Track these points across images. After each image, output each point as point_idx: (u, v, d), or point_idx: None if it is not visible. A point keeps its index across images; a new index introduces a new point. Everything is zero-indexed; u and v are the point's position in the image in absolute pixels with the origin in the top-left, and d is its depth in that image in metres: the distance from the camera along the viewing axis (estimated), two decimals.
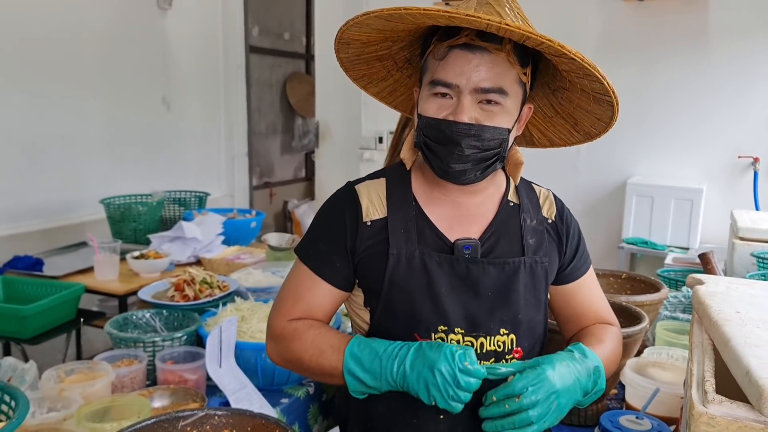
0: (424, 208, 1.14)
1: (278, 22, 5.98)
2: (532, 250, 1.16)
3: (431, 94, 1.06)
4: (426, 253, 1.10)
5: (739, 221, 2.46)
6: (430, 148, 1.07)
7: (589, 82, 1.05)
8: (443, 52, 1.04)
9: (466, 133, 1.03)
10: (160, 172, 4.36)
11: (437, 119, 1.05)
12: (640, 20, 3.79)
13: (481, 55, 1.02)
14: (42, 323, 2.28)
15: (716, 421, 0.75)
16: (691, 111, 3.76)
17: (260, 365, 1.61)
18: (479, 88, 1.02)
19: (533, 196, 1.23)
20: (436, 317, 1.09)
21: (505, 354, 1.12)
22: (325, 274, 1.14)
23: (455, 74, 1.02)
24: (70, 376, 1.50)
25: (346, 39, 1.10)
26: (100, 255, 2.65)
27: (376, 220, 1.13)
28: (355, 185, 1.18)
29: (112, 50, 3.97)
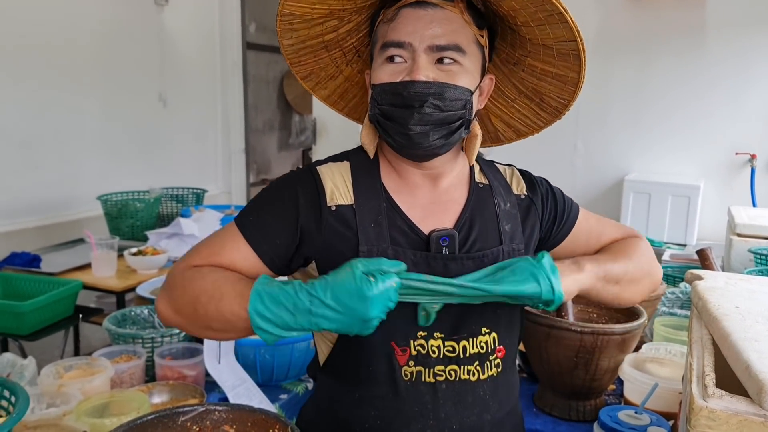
0: (396, 198, 1.04)
1: (275, 19, 5.96)
2: (509, 238, 1.07)
3: (383, 60, 0.98)
4: (400, 252, 0.99)
5: (737, 218, 2.46)
6: (387, 116, 0.97)
7: (551, 29, 0.96)
8: (392, 13, 0.97)
9: (425, 91, 0.94)
10: (158, 169, 4.35)
11: (392, 83, 0.96)
12: (637, 17, 3.79)
13: (434, 11, 0.96)
14: (40, 319, 2.27)
15: (716, 415, 0.75)
16: (688, 107, 3.77)
17: (259, 361, 1.62)
18: (434, 45, 0.95)
19: (500, 177, 1.14)
20: (414, 322, 0.93)
21: (488, 355, 1.03)
22: (262, 250, 1.00)
23: (407, 32, 0.95)
24: (69, 372, 1.50)
25: (287, 16, 0.99)
26: (98, 251, 2.65)
27: (342, 205, 1.02)
28: (317, 166, 1.07)
29: (108, 46, 3.95)
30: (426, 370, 1.00)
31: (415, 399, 1.01)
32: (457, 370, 1.01)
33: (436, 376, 1.01)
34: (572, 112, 1.18)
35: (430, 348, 1.00)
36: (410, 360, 1.00)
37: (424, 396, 1.01)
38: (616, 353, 1.44)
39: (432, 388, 1.01)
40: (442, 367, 1.01)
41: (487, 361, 1.03)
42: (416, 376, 1.01)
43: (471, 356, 1.02)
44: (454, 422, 1.01)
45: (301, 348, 1.64)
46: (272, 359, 1.62)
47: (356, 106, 1.24)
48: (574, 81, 1.05)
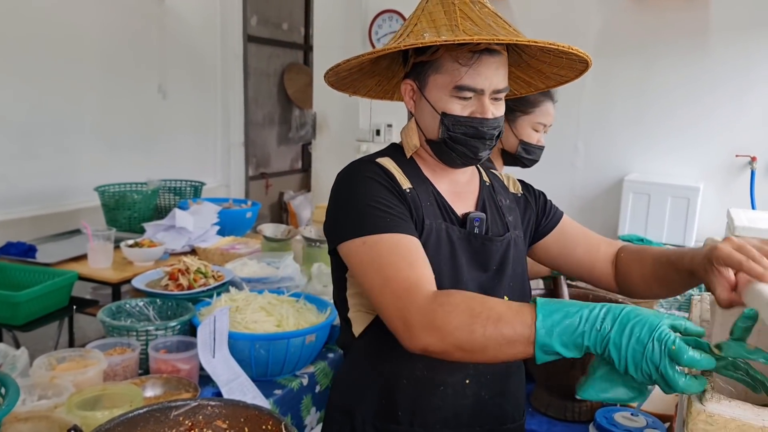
0: (436, 185, 1.24)
1: (277, 12, 5.94)
2: (513, 227, 1.28)
3: (454, 96, 1.14)
4: (449, 226, 1.19)
5: (736, 220, 2.45)
6: (458, 142, 1.16)
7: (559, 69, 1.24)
8: (470, 57, 1.11)
9: (495, 126, 1.16)
10: (156, 161, 4.33)
11: (469, 117, 1.15)
12: (639, 18, 3.78)
13: (499, 59, 1.13)
14: (34, 310, 2.26)
15: (714, 419, 0.75)
16: (689, 109, 3.76)
17: (254, 356, 1.61)
18: (497, 89, 1.14)
19: (497, 179, 1.37)
20: (457, 285, 1.15)
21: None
22: (409, 229, 1.09)
23: (482, 80, 1.12)
24: (62, 363, 1.48)
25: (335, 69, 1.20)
26: (94, 242, 2.63)
27: (408, 188, 1.18)
28: (373, 160, 1.22)
29: (109, 37, 3.93)
30: None
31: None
32: None
33: None
34: (573, 112, 1.26)
35: None
36: None
37: None
38: None
39: None
40: None
41: None
42: None
43: None
44: (488, 373, 1.20)
45: (296, 343, 1.63)
46: (267, 354, 1.61)
47: (373, 87, 1.37)
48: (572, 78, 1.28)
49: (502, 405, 1.23)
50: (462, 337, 0.91)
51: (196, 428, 1.03)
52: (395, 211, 1.10)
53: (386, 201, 1.11)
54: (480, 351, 0.91)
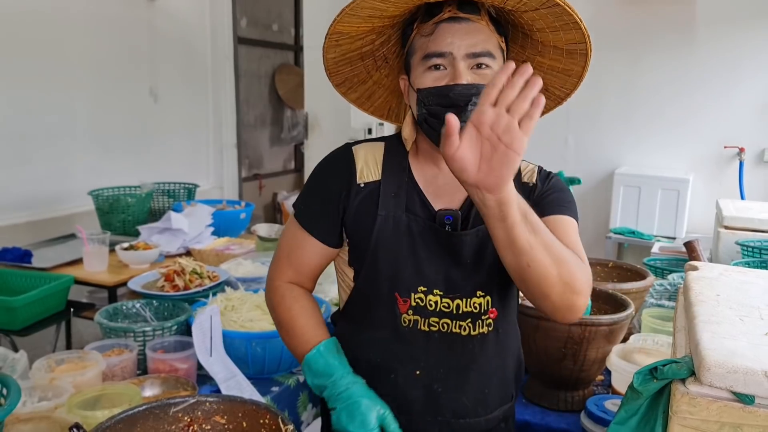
0: (416, 176, 1.20)
1: (267, 13, 5.95)
2: None
3: (425, 68, 1.11)
4: (412, 219, 1.16)
5: (725, 210, 2.49)
6: (434, 115, 1.10)
7: (564, 34, 1.11)
8: (431, 28, 1.11)
9: (468, 92, 1.07)
10: (149, 164, 4.34)
11: (438, 86, 1.09)
12: (627, 13, 3.81)
13: (467, 25, 1.09)
14: (31, 314, 2.27)
15: (697, 402, 0.77)
16: (678, 102, 3.80)
17: (250, 354, 1.63)
18: (471, 53, 1.08)
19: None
20: (417, 278, 1.15)
21: (480, 314, 1.17)
22: (315, 231, 1.21)
23: (446, 44, 1.09)
24: (61, 365, 1.50)
25: (336, 34, 1.14)
26: (89, 246, 2.64)
27: (369, 182, 1.19)
28: (353, 146, 1.24)
29: (99, 41, 3.94)
30: (422, 320, 1.16)
31: (411, 343, 1.17)
32: (449, 323, 1.16)
33: (430, 326, 1.16)
34: (563, 107, 1.26)
35: (428, 302, 1.16)
36: (410, 309, 1.17)
37: (418, 341, 1.17)
38: (604, 344, 1.46)
39: (426, 336, 1.17)
40: (436, 319, 1.16)
41: (479, 320, 1.17)
42: (413, 324, 1.17)
43: (464, 313, 1.16)
44: (441, 367, 1.18)
45: None
46: (263, 352, 1.63)
47: (380, 106, 1.36)
48: (578, 74, 1.18)
49: (459, 399, 1.19)
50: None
51: (195, 424, 1.05)
52: (313, 209, 1.22)
53: (314, 196, 1.24)
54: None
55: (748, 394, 0.74)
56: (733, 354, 0.76)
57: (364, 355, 1.20)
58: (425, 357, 1.18)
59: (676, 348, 0.98)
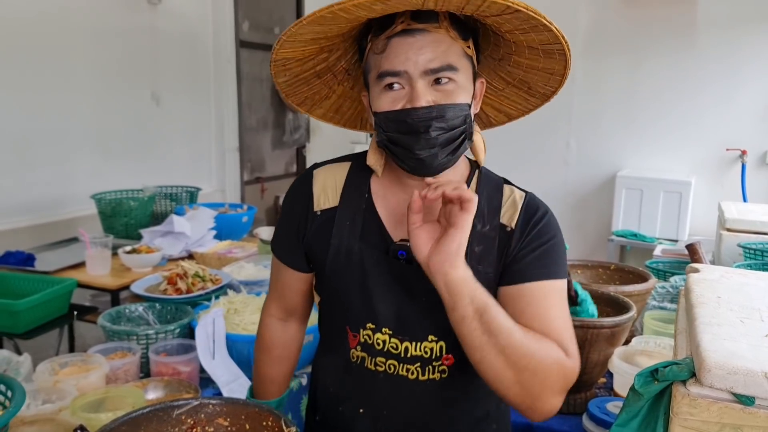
0: (376, 201, 1.12)
1: (268, 17, 5.96)
2: (476, 259, 1.04)
3: (381, 89, 1.01)
4: (365, 249, 1.08)
5: (727, 213, 2.49)
6: (395, 142, 1.02)
7: (536, 35, 1.00)
8: (383, 44, 1.00)
9: (428, 116, 0.98)
10: (151, 167, 4.35)
11: (395, 111, 1.00)
12: (628, 15, 3.82)
13: (422, 37, 0.99)
14: (34, 318, 2.28)
15: (697, 403, 0.77)
16: (679, 104, 3.80)
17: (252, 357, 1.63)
18: (428, 69, 0.98)
19: (496, 199, 1.10)
20: (366, 314, 1.08)
21: (432, 360, 1.07)
22: (287, 260, 1.20)
23: (400, 61, 0.99)
24: (64, 368, 1.51)
25: (281, 61, 1.05)
26: (92, 250, 2.65)
27: (326, 209, 1.13)
28: (315, 169, 1.18)
29: (101, 45, 3.95)
30: (369, 358, 1.10)
31: (357, 380, 1.12)
32: (396, 365, 1.08)
33: (377, 365, 1.09)
34: (565, 110, 1.21)
35: (376, 340, 1.09)
36: (358, 345, 1.11)
37: (364, 379, 1.11)
38: (606, 346, 1.46)
39: (372, 375, 1.10)
40: (383, 360, 1.09)
41: (429, 366, 1.08)
42: (361, 361, 1.11)
43: (412, 357, 1.08)
44: (384, 409, 1.11)
45: None
46: None
47: (352, 117, 1.28)
48: (560, 73, 1.08)
49: None
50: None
51: (198, 426, 1.05)
52: (282, 237, 1.21)
53: (282, 223, 1.21)
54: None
55: (748, 395, 0.75)
56: (733, 355, 0.77)
57: (322, 381, 1.20)
58: (369, 397, 1.11)
59: (677, 350, 0.98)
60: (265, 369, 1.29)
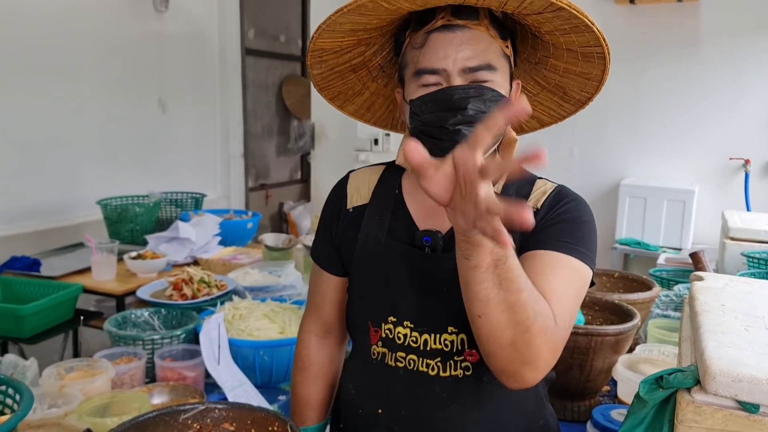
0: (405, 196, 1.12)
1: (274, 25, 6.00)
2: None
3: (418, 86, 1.00)
4: (391, 243, 1.08)
5: (730, 222, 2.49)
6: (428, 123, 0.98)
7: (576, 36, 0.98)
8: (422, 39, 0.99)
9: (466, 94, 0.95)
10: (157, 174, 4.37)
11: (430, 92, 0.98)
12: (632, 23, 3.83)
13: (462, 33, 0.97)
14: (40, 323, 2.29)
15: (702, 410, 0.78)
16: (683, 113, 3.80)
17: (258, 363, 1.64)
18: (467, 67, 0.97)
19: (526, 189, 1.07)
20: (388, 307, 1.07)
21: (453, 354, 1.03)
22: (324, 264, 1.19)
23: (439, 58, 0.97)
24: (70, 373, 1.51)
25: (318, 51, 1.05)
26: (98, 255, 2.66)
27: (357, 206, 1.14)
28: (351, 172, 1.21)
29: (108, 52, 3.98)
30: (390, 354, 1.07)
31: (377, 378, 1.09)
32: (416, 360, 1.05)
33: (397, 361, 1.07)
34: (568, 118, 1.19)
35: (397, 334, 1.06)
36: (379, 341, 1.09)
37: (384, 377, 1.08)
38: (610, 354, 1.47)
39: (391, 372, 1.07)
40: (403, 354, 1.06)
41: (450, 360, 1.03)
42: (381, 357, 1.08)
43: (432, 351, 1.04)
44: (403, 408, 1.07)
45: None
46: (271, 361, 1.64)
47: (383, 116, 1.27)
48: (598, 78, 1.07)
49: None
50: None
51: (204, 431, 1.06)
52: (319, 242, 1.20)
53: (319, 228, 1.21)
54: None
55: (753, 402, 0.75)
56: (738, 363, 0.77)
57: (345, 384, 1.19)
58: (387, 395, 1.08)
59: (682, 357, 0.98)
60: (302, 390, 1.24)
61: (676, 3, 3.64)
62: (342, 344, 1.28)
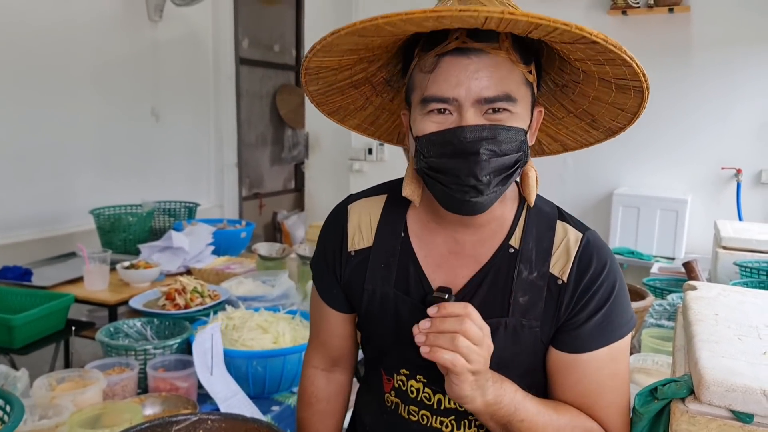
0: (413, 241, 1.01)
1: (268, 34, 6.01)
2: (520, 311, 0.94)
3: (425, 113, 0.89)
4: (400, 298, 1.00)
5: (722, 231, 2.50)
6: (437, 169, 0.88)
7: (612, 68, 0.86)
8: (431, 62, 0.87)
9: (478, 136, 0.85)
10: (150, 183, 4.36)
11: (439, 132, 0.87)
12: (624, 34, 3.86)
13: (479, 59, 0.85)
14: (31, 333, 2.27)
15: (696, 420, 0.78)
16: (675, 123, 3.83)
17: (251, 373, 1.63)
18: (482, 98, 0.85)
19: (547, 240, 0.97)
20: (400, 360, 1.02)
21: (468, 414, 0.99)
22: (330, 302, 1.12)
23: (450, 86, 0.86)
24: (61, 384, 1.50)
25: (313, 69, 0.93)
26: (90, 265, 2.65)
27: (360, 249, 1.04)
28: (350, 203, 1.09)
29: (102, 61, 3.98)
30: (403, 406, 1.04)
31: (392, 426, 1.06)
32: (428, 416, 1.02)
33: (410, 414, 1.04)
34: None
35: (410, 387, 1.03)
36: (392, 390, 1.06)
37: (398, 427, 1.05)
38: None
39: (406, 423, 1.04)
40: (416, 409, 1.03)
41: (465, 420, 1.00)
42: (395, 407, 1.06)
43: (446, 409, 1.01)
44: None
45: (292, 360, 1.65)
46: (264, 371, 1.63)
47: (389, 130, 1.16)
48: (633, 110, 0.95)
49: None
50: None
51: None
52: (322, 276, 1.12)
53: (320, 261, 1.12)
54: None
55: (747, 412, 0.75)
56: (731, 373, 0.77)
57: (361, 415, 1.15)
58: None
59: (676, 367, 0.98)
60: (310, 428, 1.18)
61: (668, 13, 3.67)
62: (350, 374, 1.22)
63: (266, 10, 5.93)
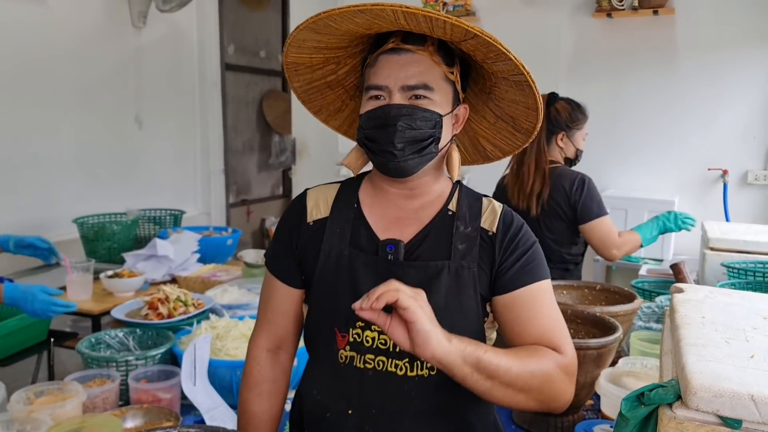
0: (364, 209, 1.20)
1: (254, 40, 5.99)
2: (460, 255, 1.13)
3: (367, 98, 1.13)
4: (354, 253, 1.15)
5: (710, 232, 2.50)
6: (370, 138, 1.13)
7: (503, 65, 1.08)
8: (374, 60, 1.13)
9: (398, 112, 1.09)
10: (135, 191, 4.32)
11: (372, 109, 1.12)
12: (609, 36, 3.87)
13: (407, 57, 1.10)
14: (11, 344, 2.23)
15: (684, 426, 0.76)
16: (661, 124, 3.84)
17: (235, 383, 1.60)
18: (405, 85, 1.10)
19: (476, 206, 1.20)
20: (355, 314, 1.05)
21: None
22: (282, 276, 1.23)
23: (384, 77, 1.11)
24: (40, 397, 1.47)
25: (292, 65, 1.18)
26: (73, 275, 2.61)
27: (317, 219, 1.21)
28: (309, 190, 1.26)
29: (85, 68, 3.94)
30: (358, 356, 1.13)
31: (345, 380, 1.14)
32: (385, 361, 1.11)
33: (365, 363, 1.12)
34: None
35: (365, 337, 1.12)
36: (347, 345, 1.13)
37: (352, 379, 1.13)
38: (593, 368, 1.45)
39: (360, 374, 1.12)
40: (372, 356, 1.12)
41: (417, 361, 1.11)
42: (349, 360, 1.13)
43: (401, 352, 1.09)
44: (373, 408, 1.12)
45: None
46: None
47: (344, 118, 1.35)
48: (534, 107, 1.15)
49: None
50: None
51: None
52: (277, 254, 1.25)
53: (276, 241, 1.26)
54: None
55: (735, 418, 0.74)
56: (719, 377, 0.76)
57: (309, 390, 1.20)
58: (358, 396, 1.13)
59: (663, 371, 0.97)
60: (254, 407, 1.25)
61: (652, 15, 3.68)
62: (293, 359, 1.31)
63: (252, 15, 5.91)
